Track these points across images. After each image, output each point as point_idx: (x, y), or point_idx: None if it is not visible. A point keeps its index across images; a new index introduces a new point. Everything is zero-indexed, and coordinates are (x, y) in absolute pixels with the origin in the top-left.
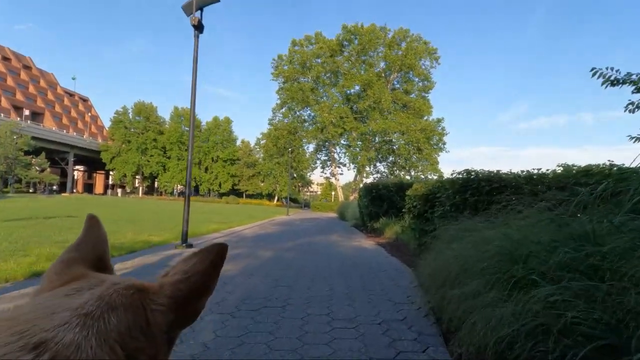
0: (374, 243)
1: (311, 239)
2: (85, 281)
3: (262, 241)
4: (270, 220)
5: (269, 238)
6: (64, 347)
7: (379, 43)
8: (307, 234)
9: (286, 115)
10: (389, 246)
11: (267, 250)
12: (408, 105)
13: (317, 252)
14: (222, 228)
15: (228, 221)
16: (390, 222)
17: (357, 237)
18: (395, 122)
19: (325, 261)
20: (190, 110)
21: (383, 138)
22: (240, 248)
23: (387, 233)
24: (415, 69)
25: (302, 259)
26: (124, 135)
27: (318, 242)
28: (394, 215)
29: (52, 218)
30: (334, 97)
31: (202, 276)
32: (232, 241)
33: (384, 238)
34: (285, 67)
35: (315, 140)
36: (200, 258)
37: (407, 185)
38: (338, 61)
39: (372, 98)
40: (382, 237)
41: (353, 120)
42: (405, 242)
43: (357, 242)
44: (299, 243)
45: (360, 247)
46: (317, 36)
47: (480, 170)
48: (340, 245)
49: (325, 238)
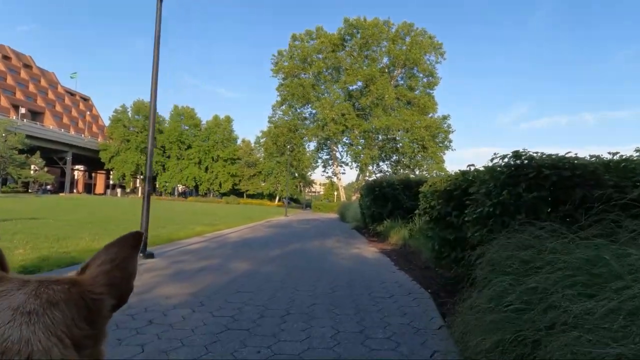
0: (377, 250)
1: (303, 245)
2: (7, 283)
3: (245, 248)
4: (265, 221)
5: (255, 244)
6: (13, 343)
7: (382, 37)
8: (301, 239)
9: (286, 112)
10: (395, 255)
11: (244, 262)
12: (412, 101)
13: (305, 264)
14: (206, 231)
15: (218, 223)
16: (395, 225)
17: (358, 242)
18: (399, 119)
19: (313, 280)
20: (150, 90)
21: (386, 136)
22: (213, 258)
23: (392, 238)
24: (420, 64)
25: (283, 276)
26: (122, 134)
27: (310, 250)
28: (400, 217)
29: (8, 220)
30: (335, 93)
31: (127, 262)
32: (210, 248)
33: (389, 244)
34: (285, 63)
35: (316, 139)
36: (120, 246)
37: (414, 182)
38: (340, 56)
39: (375, 94)
40: (386, 243)
41: (355, 117)
42: (415, 251)
43: (357, 248)
44: (287, 251)
45: (360, 256)
46: (318, 31)
47: (536, 154)
48: (336, 253)
49: (320, 244)
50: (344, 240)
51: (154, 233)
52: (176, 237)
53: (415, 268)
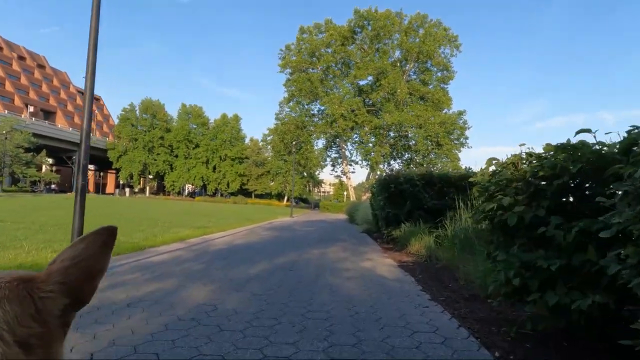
0: (395, 263)
1: (299, 256)
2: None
3: (221, 262)
4: (267, 223)
5: (239, 254)
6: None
7: (395, 30)
8: (299, 246)
9: (294, 108)
10: (419, 271)
11: (206, 287)
12: (426, 96)
13: (292, 293)
14: (192, 235)
15: (211, 225)
16: (416, 230)
17: (369, 250)
18: (412, 115)
19: (295, 331)
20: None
21: (398, 132)
22: (168, 279)
23: (412, 246)
24: (434, 58)
25: (249, 319)
26: (130, 133)
27: (306, 264)
28: (422, 219)
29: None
30: (344, 88)
31: (92, 260)
32: (178, 261)
33: (408, 254)
34: (293, 57)
35: (325, 136)
36: (87, 242)
37: (438, 177)
38: (350, 50)
39: (387, 88)
40: (405, 253)
41: (365, 113)
42: (447, 266)
43: (368, 260)
44: (275, 266)
45: (372, 273)
46: (327, 23)
47: None
48: (340, 270)
49: (322, 254)
50: (352, 249)
51: (124, 239)
52: (150, 243)
53: (456, 297)
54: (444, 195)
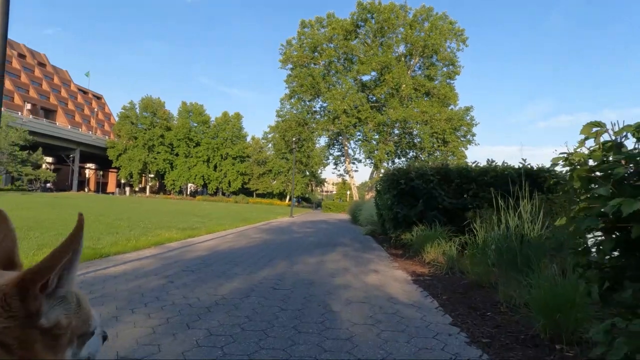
0: (408, 277)
1: (290, 266)
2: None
3: (195, 274)
4: (264, 223)
5: (220, 263)
6: None
7: (399, 24)
8: (294, 251)
9: (295, 105)
10: (441, 289)
11: (155, 316)
12: (431, 92)
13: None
14: (175, 238)
15: (200, 226)
16: (433, 234)
17: (374, 257)
18: (418, 112)
19: None
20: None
21: (403, 129)
22: (108, 302)
23: (427, 253)
24: (440, 52)
25: None
26: (130, 131)
27: (297, 276)
28: (438, 221)
29: None
30: (347, 83)
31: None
32: (143, 272)
33: (423, 263)
34: (294, 52)
35: (327, 133)
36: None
37: (457, 172)
38: (353, 45)
39: (391, 83)
40: (418, 261)
41: (369, 109)
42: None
43: (375, 273)
44: (259, 281)
45: (380, 292)
46: (329, 17)
47: None
48: (338, 286)
49: (318, 262)
50: (355, 256)
51: (90, 244)
52: (117, 249)
53: (506, 339)
54: (462, 193)
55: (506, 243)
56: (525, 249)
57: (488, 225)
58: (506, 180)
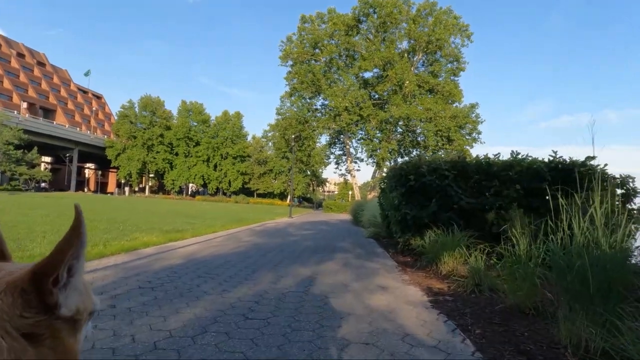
0: (423, 296)
1: (275, 282)
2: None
3: (152, 293)
4: (259, 225)
5: (190, 276)
6: None
7: (402, 19)
8: (285, 260)
9: (295, 102)
10: (471, 318)
11: None
12: (435, 89)
13: None
14: (155, 242)
15: (188, 229)
16: (451, 240)
17: (380, 267)
18: (422, 109)
19: None
20: None
21: (406, 127)
22: None
23: (444, 264)
24: (444, 48)
25: None
26: (129, 130)
27: (282, 299)
28: (455, 224)
29: None
30: (349, 80)
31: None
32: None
33: (439, 276)
34: (294, 48)
35: (328, 131)
36: None
37: (475, 166)
38: (354, 41)
39: (394, 80)
40: (432, 273)
41: (371, 106)
42: (519, 307)
43: (382, 290)
44: (227, 307)
45: (390, 323)
46: (330, 13)
47: None
48: (335, 312)
49: (311, 276)
50: (356, 265)
51: (43, 250)
52: (89, 254)
53: None
54: (481, 190)
55: (568, 258)
56: (601, 269)
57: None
58: (535, 175)
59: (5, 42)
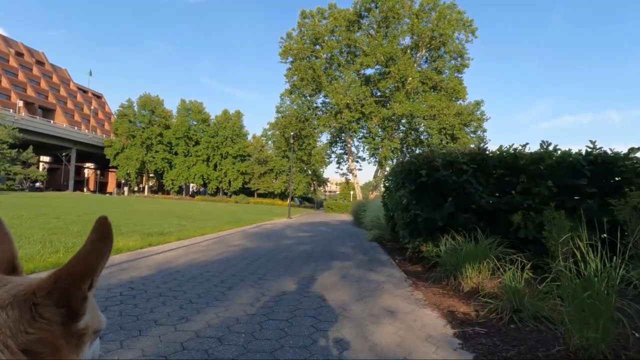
0: (447, 326)
1: (252, 303)
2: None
3: None
4: (254, 226)
5: (158, 288)
6: None
7: (404, 14)
8: (272, 270)
9: (295, 100)
10: None
11: None
12: (439, 85)
13: None
14: (130, 247)
15: (173, 231)
16: (476, 248)
17: (386, 279)
18: (426, 106)
19: None
20: None
21: (409, 124)
22: None
23: (468, 279)
24: (448, 44)
25: None
26: (128, 129)
27: (251, 333)
28: (479, 229)
29: None
30: (350, 76)
31: (80, 261)
32: None
33: (459, 294)
34: (294, 44)
35: (329, 129)
36: (87, 240)
37: (498, 158)
38: (356, 37)
39: (397, 76)
40: (450, 289)
41: (373, 103)
42: (590, 355)
43: (389, 313)
44: (178, 344)
45: None
46: (330, 8)
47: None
48: (325, 359)
49: (301, 292)
50: (357, 277)
51: None
52: (29, 267)
53: None
54: (505, 187)
55: None
56: None
57: (594, 243)
58: (570, 170)
59: (4, 40)
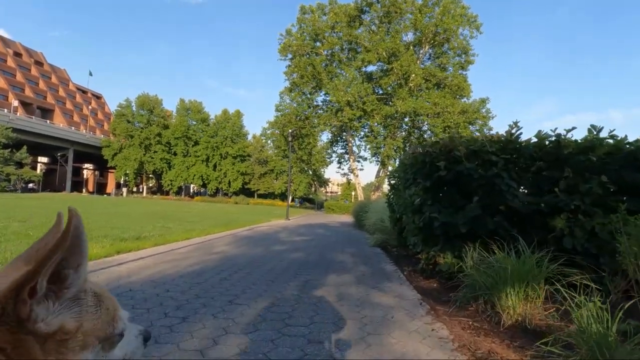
0: None
1: (202, 354)
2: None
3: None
4: (247, 229)
5: None
6: None
7: (407, 9)
8: (251, 286)
9: (295, 98)
10: None
11: None
12: (443, 82)
13: None
14: (90, 256)
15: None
16: (519, 265)
17: (394, 304)
18: (430, 104)
19: None
20: None
21: (412, 122)
22: None
23: (509, 308)
24: (452, 40)
25: None
26: (126, 129)
27: None
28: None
29: None
30: (351, 73)
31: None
32: None
33: (497, 329)
34: (294, 41)
35: (329, 128)
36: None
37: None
38: (357, 34)
39: (399, 72)
40: (484, 321)
41: (375, 101)
42: None
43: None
44: None
45: None
46: (331, 3)
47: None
48: None
49: (284, 320)
50: (357, 298)
51: None
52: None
53: None
54: (543, 183)
55: None
56: None
57: None
58: (631, 162)
59: (2, 41)
